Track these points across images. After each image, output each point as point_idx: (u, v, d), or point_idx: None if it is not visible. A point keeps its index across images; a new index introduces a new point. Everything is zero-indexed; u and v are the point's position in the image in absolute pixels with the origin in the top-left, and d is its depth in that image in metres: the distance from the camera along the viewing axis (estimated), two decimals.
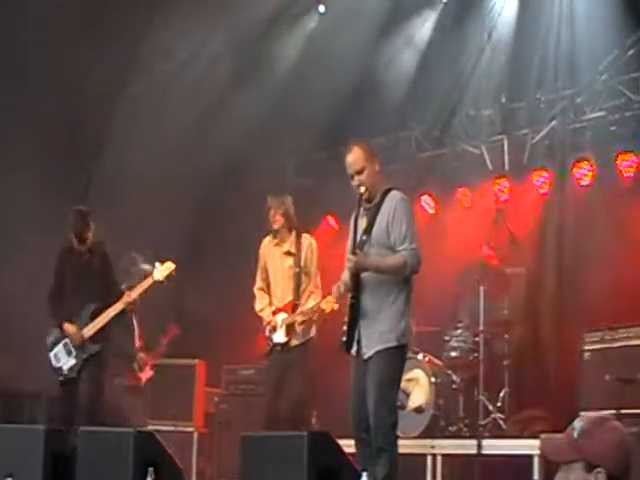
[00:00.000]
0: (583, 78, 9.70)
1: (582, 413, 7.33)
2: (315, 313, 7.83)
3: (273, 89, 11.31)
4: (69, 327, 8.13)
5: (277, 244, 8.12)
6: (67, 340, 8.16)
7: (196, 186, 11.10)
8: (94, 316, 8.12)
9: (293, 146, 11.57)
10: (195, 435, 10.25)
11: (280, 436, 5.93)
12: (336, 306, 7.34)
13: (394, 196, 6.15)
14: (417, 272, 6.07)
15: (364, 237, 6.07)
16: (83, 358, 8.08)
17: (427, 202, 10.94)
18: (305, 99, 10.89)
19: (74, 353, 8.12)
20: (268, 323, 7.96)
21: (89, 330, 8.10)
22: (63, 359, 8.17)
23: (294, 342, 7.88)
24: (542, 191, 9.99)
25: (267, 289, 8.17)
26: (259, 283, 8.20)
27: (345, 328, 6.13)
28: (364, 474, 4.77)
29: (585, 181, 9.62)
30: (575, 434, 2.92)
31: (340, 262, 6.42)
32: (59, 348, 8.20)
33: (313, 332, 7.98)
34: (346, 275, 6.16)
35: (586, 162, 9.58)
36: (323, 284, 7.97)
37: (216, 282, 10.37)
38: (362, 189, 6.11)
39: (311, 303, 7.89)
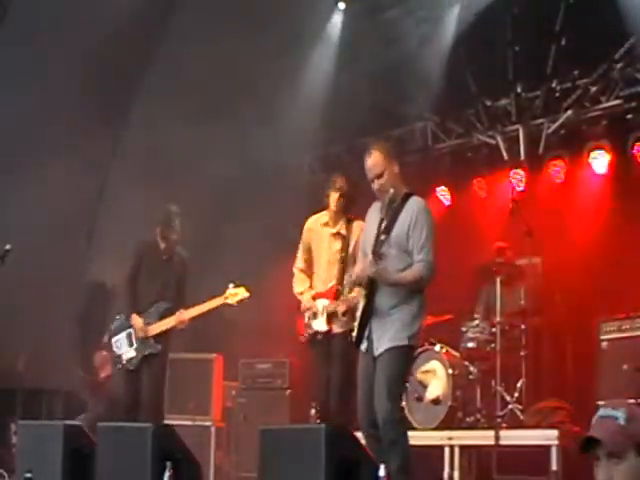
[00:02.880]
0: (599, 66, 9.65)
1: (600, 403, 7.33)
2: (358, 303, 7.06)
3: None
4: (137, 320, 8.22)
5: (326, 224, 7.50)
6: (131, 330, 8.24)
7: (213, 182, 11.11)
8: (163, 316, 8.21)
9: (311, 142, 11.56)
10: (213, 429, 10.28)
11: (298, 429, 5.95)
12: None
13: (416, 202, 6.16)
14: (429, 283, 6.11)
15: (383, 237, 6.06)
16: (143, 354, 8.18)
17: (443, 193, 10.92)
18: (322, 94, 10.91)
19: (135, 345, 8.22)
20: (308, 309, 7.38)
21: (154, 329, 8.20)
22: (123, 348, 8.28)
23: (336, 330, 7.26)
24: (558, 181, 9.96)
25: (308, 270, 7.53)
26: (300, 263, 7.57)
27: (356, 324, 6.15)
28: (382, 466, 4.78)
29: (601, 170, 9.59)
30: (622, 422, 2.91)
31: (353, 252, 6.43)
32: (122, 336, 8.31)
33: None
34: (359, 269, 6.18)
35: (602, 151, 9.55)
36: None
37: (232, 276, 10.39)
38: (388, 195, 6.09)
39: (355, 292, 7.08)
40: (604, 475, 2.91)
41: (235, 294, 8.12)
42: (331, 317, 7.27)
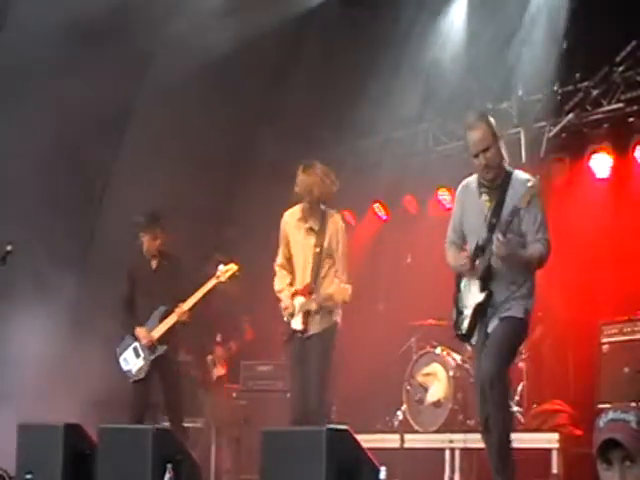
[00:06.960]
0: (600, 70, 9.64)
1: (601, 406, 7.33)
2: (329, 301, 7.10)
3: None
4: (140, 331, 8.41)
5: (301, 218, 7.34)
6: (137, 344, 8.42)
7: (220, 179, 11.13)
8: (164, 317, 8.39)
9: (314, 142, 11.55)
10: (213, 431, 10.25)
11: (299, 432, 5.93)
12: (348, 298, 7.02)
13: (525, 180, 5.87)
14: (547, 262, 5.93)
15: (493, 220, 5.83)
16: (151, 359, 8.37)
17: (444, 196, 10.91)
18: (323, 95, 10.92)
19: (142, 355, 8.39)
20: (286, 308, 7.24)
21: (158, 331, 8.38)
22: (132, 362, 8.45)
23: (311, 330, 7.13)
24: (559, 184, 9.95)
25: (289, 267, 7.41)
26: (281, 259, 7.43)
27: (467, 319, 6.00)
28: (382, 469, 4.79)
29: (602, 173, 9.58)
30: (634, 425, 2.88)
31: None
32: (128, 352, 8.49)
33: (336, 318, 7.20)
34: (453, 258, 6.13)
35: (603, 154, 9.54)
36: None
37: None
38: (490, 173, 5.85)
39: (331, 289, 7.11)
40: (618, 479, 2.88)
41: (226, 271, 8.33)
42: (306, 316, 7.13)
